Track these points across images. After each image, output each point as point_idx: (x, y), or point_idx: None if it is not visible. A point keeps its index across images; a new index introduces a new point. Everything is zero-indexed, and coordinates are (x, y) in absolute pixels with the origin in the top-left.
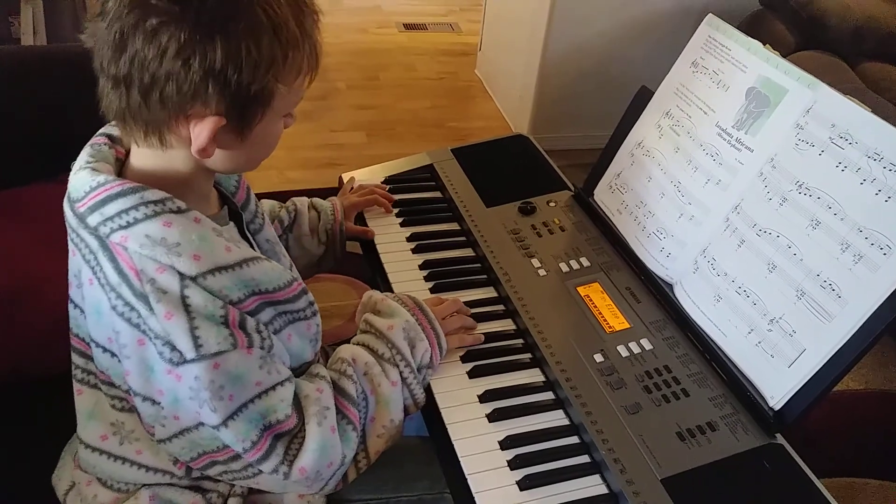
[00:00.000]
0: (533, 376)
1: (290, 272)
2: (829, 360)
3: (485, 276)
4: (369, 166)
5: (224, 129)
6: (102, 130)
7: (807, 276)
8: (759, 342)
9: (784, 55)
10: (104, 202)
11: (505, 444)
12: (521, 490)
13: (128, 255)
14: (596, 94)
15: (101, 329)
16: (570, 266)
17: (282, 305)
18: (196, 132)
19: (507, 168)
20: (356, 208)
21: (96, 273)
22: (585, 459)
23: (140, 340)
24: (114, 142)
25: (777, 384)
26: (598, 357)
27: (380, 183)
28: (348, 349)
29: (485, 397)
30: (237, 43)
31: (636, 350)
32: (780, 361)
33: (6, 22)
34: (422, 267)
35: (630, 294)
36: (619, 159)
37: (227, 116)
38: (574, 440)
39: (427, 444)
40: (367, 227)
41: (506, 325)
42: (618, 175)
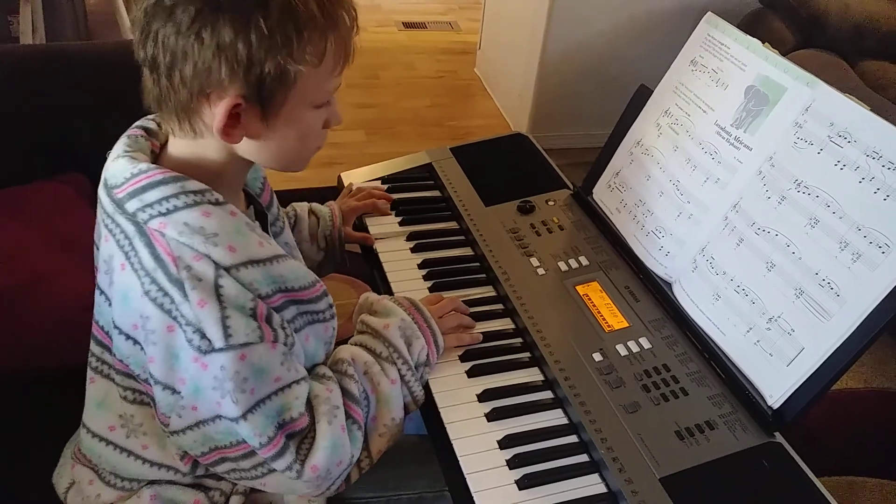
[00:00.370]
0: (532, 375)
1: (313, 274)
2: (828, 359)
3: (483, 275)
4: (369, 165)
5: (248, 114)
6: (138, 123)
7: (805, 275)
8: (758, 341)
9: (783, 54)
10: (145, 189)
11: (504, 444)
12: (520, 489)
13: (165, 242)
14: (595, 93)
15: (127, 315)
16: (569, 265)
17: (304, 305)
18: (214, 113)
19: (506, 167)
20: (355, 213)
21: (130, 258)
22: (584, 458)
23: (170, 327)
24: (150, 134)
25: (776, 383)
26: (597, 356)
27: (378, 184)
28: (347, 350)
29: (483, 396)
30: (246, 16)
31: (635, 349)
32: (779, 360)
33: (5, 21)
34: (420, 266)
35: (629, 293)
36: (618, 158)
37: (247, 98)
38: (573, 439)
39: (427, 443)
40: (367, 234)
41: (505, 324)
42: (617, 174)
